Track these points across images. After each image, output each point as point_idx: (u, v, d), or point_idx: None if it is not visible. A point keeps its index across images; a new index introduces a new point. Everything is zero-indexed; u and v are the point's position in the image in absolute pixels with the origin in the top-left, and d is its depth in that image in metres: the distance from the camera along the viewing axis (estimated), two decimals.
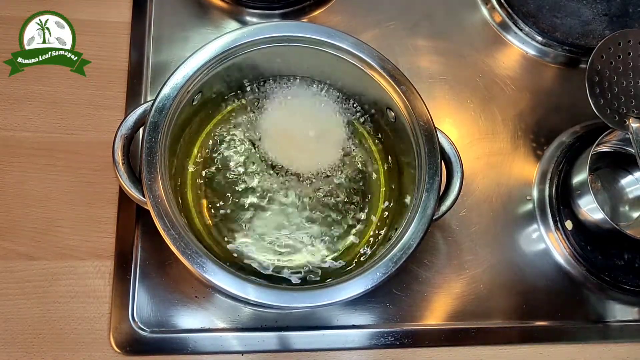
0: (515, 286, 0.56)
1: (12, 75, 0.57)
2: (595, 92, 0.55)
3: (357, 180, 0.56)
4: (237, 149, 0.55)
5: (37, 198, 0.54)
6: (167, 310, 0.52)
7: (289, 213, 0.54)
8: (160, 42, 0.60)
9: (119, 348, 0.50)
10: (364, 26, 0.64)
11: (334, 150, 0.55)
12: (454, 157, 0.50)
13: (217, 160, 0.54)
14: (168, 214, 0.44)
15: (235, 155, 0.55)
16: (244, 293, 0.43)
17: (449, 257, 0.57)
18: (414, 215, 0.47)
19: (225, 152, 0.55)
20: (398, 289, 0.55)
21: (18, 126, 0.56)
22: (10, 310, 0.50)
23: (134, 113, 0.47)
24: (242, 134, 0.55)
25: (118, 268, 0.52)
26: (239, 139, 0.55)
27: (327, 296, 0.44)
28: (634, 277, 0.57)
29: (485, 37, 0.67)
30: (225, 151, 0.55)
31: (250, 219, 0.53)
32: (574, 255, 0.57)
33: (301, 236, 0.53)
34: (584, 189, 0.55)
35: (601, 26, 0.67)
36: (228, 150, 0.55)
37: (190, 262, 0.43)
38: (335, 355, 0.53)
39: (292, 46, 0.51)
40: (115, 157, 0.46)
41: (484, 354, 0.54)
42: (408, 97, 0.49)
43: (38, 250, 0.52)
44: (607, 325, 0.57)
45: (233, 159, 0.55)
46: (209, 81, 0.50)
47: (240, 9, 0.63)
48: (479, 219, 0.58)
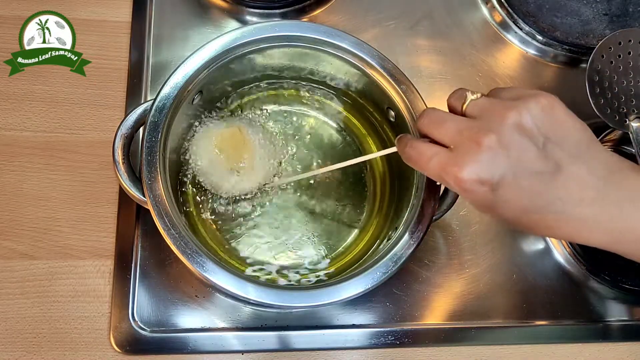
0: (515, 286, 0.57)
1: (12, 75, 0.57)
2: (596, 91, 0.55)
3: (356, 180, 0.56)
4: None
5: (37, 198, 0.54)
6: (167, 310, 0.52)
7: (289, 213, 0.54)
8: (160, 42, 0.60)
9: (119, 347, 0.50)
10: (364, 26, 0.64)
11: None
12: None
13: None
14: (168, 213, 0.44)
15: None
16: (244, 292, 0.43)
17: (449, 256, 0.57)
18: (414, 215, 0.47)
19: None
20: (398, 289, 0.55)
21: (18, 126, 0.56)
22: (10, 309, 0.50)
23: (134, 112, 0.47)
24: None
25: (118, 267, 0.52)
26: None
27: (327, 296, 0.44)
28: (634, 277, 0.57)
29: (486, 37, 0.67)
30: None
31: (250, 219, 0.53)
32: (574, 254, 0.57)
33: (301, 236, 0.53)
34: None
35: (601, 26, 0.67)
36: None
37: (190, 261, 0.43)
38: (335, 354, 0.53)
39: (292, 46, 0.51)
40: (116, 157, 0.46)
41: (484, 354, 0.54)
42: (408, 97, 0.49)
43: (38, 249, 0.52)
44: (607, 325, 0.57)
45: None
46: (209, 81, 0.50)
47: (240, 8, 0.63)
48: (479, 218, 0.58)
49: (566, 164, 0.36)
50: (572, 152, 0.36)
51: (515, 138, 0.35)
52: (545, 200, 0.36)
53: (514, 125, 0.35)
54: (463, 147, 0.36)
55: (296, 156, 0.56)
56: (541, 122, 0.36)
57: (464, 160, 0.35)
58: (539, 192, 0.36)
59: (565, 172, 0.35)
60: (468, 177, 0.35)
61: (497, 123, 0.35)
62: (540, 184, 0.35)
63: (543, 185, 0.35)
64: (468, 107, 0.38)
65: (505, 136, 0.35)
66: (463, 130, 0.36)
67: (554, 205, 0.36)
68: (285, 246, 0.53)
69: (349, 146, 0.57)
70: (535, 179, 0.35)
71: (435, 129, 0.38)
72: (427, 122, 0.39)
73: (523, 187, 0.35)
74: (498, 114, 0.36)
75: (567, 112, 0.37)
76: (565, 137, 0.36)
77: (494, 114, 0.36)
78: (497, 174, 0.35)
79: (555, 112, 0.36)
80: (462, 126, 0.37)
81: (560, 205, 0.36)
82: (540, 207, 0.36)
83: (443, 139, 0.37)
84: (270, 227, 0.53)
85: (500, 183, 0.35)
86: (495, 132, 0.35)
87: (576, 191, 0.36)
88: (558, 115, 0.37)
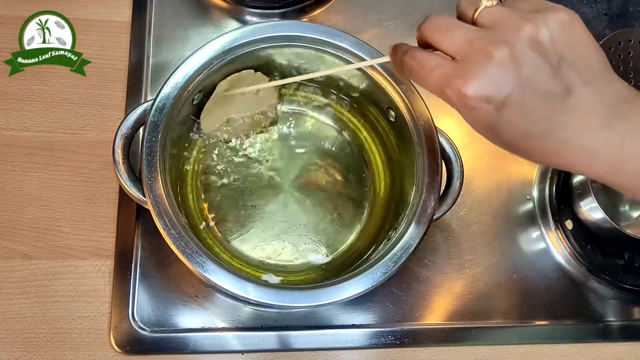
0: (515, 286, 0.57)
1: (12, 75, 0.57)
2: None
3: (356, 180, 0.56)
4: (233, 151, 0.55)
5: (37, 198, 0.54)
6: (167, 310, 0.52)
7: (289, 213, 0.54)
8: (160, 42, 0.60)
9: (119, 347, 0.50)
10: (364, 26, 0.64)
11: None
12: (454, 157, 0.50)
13: (215, 160, 0.54)
14: (168, 213, 0.44)
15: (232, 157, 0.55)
16: (244, 292, 0.43)
17: (449, 256, 0.57)
18: (414, 215, 0.47)
19: (222, 152, 0.55)
20: (398, 289, 0.55)
21: (18, 126, 0.56)
22: (10, 309, 0.50)
23: (134, 112, 0.47)
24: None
25: (118, 267, 0.52)
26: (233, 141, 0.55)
27: (327, 296, 0.44)
28: (634, 276, 0.57)
29: None
30: (222, 151, 0.55)
31: (250, 220, 0.53)
32: (574, 254, 0.57)
33: (301, 236, 0.53)
34: (584, 188, 0.55)
35: (601, 25, 0.66)
36: (225, 150, 0.55)
37: (191, 261, 0.43)
38: (336, 354, 0.53)
39: (292, 46, 0.51)
40: (116, 157, 0.46)
41: (484, 354, 0.54)
42: (408, 97, 0.49)
43: (38, 249, 0.52)
44: (607, 325, 0.57)
45: (230, 160, 0.55)
46: (209, 81, 0.50)
47: (240, 8, 0.63)
48: (479, 218, 0.58)
49: (578, 88, 0.33)
50: (586, 76, 0.33)
51: (529, 54, 0.32)
52: (548, 125, 0.33)
53: (530, 39, 0.32)
54: (471, 59, 0.33)
55: (296, 157, 0.56)
56: (558, 40, 0.33)
57: (472, 73, 0.32)
58: (544, 116, 0.33)
59: (575, 96, 0.33)
60: (473, 93, 0.33)
61: (512, 35, 0.32)
62: (547, 107, 0.33)
63: (549, 109, 0.33)
64: (480, 14, 0.34)
65: (519, 51, 0.32)
66: (473, 40, 0.33)
67: (556, 131, 0.33)
68: (285, 246, 0.53)
69: (350, 146, 0.57)
70: (543, 100, 0.33)
71: (441, 36, 0.35)
72: (433, 27, 0.35)
73: (529, 109, 0.33)
74: (513, 26, 0.33)
75: (586, 31, 0.34)
76: (581, 58, 0.33)
77: (509, 25, 0.33)
78: (504, 91, 0.32)
79: (575, 31, 0.34)
80: (473, 35, 0.33)
81: (563, 132, 0.33)
82: (543, 131, 0.33)
83: (449, 48, 0.34)
84: (270, 226, 0.53)
85: (506, 102, 0.33)
86: (509, 45, 0.32)
87: (582, 118, 0.33)
88: (577, 34, 0.34)
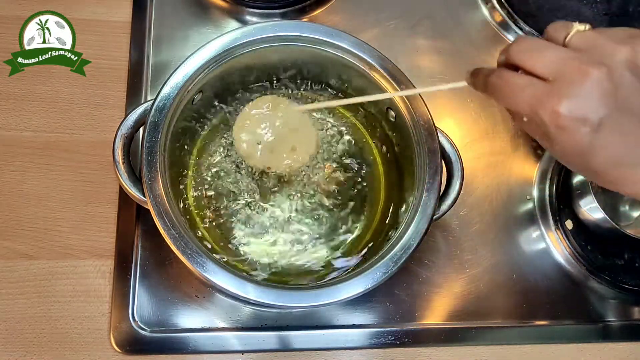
0: (515, 286, 0.57)
1: (12, 75, 0.57)
2: None
3: (356, 180, 0.56)
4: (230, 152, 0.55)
5: (37, 198, 0.54)
6: (167, 310, 0.52)
7: (289, 214, 0.54)
8: (160, 42, 0.60)
9: (119, 347, 0.50)
10: (364, 26, 0.64)
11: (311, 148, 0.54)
12: (454, 157, 0.50)
13: (214, 162, 0.54)
14: (168, 213, 0.44)
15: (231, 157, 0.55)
16: (244, 292, 0.43)
17: (449, 256, 0.57)
18: (414, 215, 0.47)
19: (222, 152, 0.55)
20: (398, 289, 0.55)
21: (18, 126, 0.56)
22: (11, 309, 0.50)
23: (134, 112, 0.47)
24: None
25: (118, 267, 0.52)
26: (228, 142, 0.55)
27: (327, 296, 0.44)
28: (634, 276, 0.57)
29: (486, 37, 0.67)
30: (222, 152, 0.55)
31: (251, 219, 0.53)
32: (574, 254, 0.57)
33: (301, 236, 0.53)
34: (584, 188, 0.55)
35: (601, 26, 0.66)
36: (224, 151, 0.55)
37: (191, 261, 0.43)
38: (336, 354, 0.53)
39: (292, 46, 0.51)
40: (116, 157, 0.46)
41: (484, 354, 0.54)
42: (408, 97, 0.49)
43: (38, 249, 0.52)
44: (607, 325, 0.57)
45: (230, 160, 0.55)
46: (209, 81, 0.50)
47: (240, 8, 0.63)
48: (479, 218, 0.58)
49: None
50: None
51: (627, 76, 0.31)
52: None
53: (627, 62, 0.31)
54: (566, 78, 0.31)
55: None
56: None
57: (567, 91, 0.31)
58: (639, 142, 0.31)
59: None
60: (568, 112, 0.30)
61: (608, 57, 0.31)
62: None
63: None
64: (573, 38, 0.33)
65: (617, 71, 0.31)
66: (568, 60, 0.31)
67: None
68: (285, 246, 0.53)
69: (350, 146, 0.57)
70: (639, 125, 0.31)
71: (532, 57, 0.33)
72: (523, 49, 0.33)
73: (625, 133, 0.31)
74: (610, 48, 0.32)
75: None
76: None
77: (605, 48, 0.32)
78: (600, 112, 0.30)
79: None
80: (567, 55, 0.32)
81: None
82: (636, 159, 0.32)
83: (541, 68, 0.32)
84: (270, 227, 0.53)
85: (602, 124, 0.31)
86: (606, 65, 0.31)
87: None
88: None
